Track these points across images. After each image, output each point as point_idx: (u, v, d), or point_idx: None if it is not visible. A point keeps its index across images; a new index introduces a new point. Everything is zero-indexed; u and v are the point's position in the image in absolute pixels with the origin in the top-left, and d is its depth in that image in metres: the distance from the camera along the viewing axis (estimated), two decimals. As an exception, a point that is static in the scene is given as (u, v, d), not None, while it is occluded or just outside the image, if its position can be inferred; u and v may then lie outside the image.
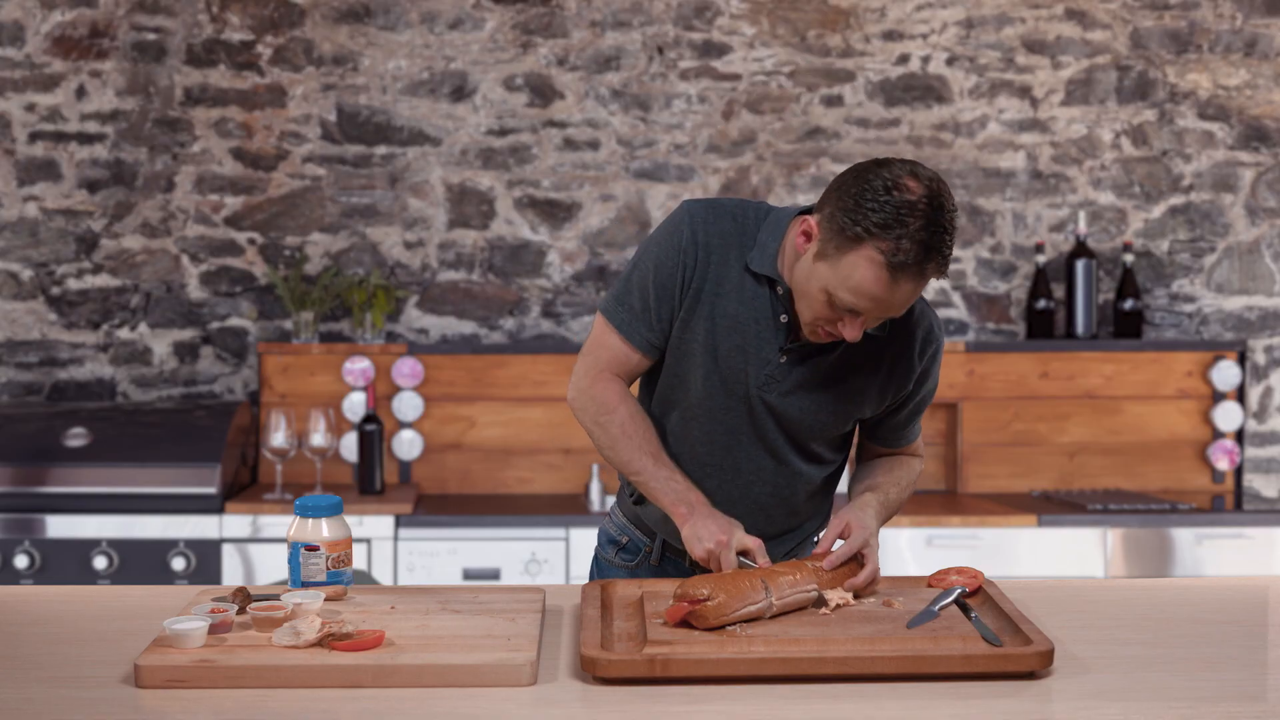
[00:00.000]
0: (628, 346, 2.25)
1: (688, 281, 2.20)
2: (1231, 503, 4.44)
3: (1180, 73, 4.70)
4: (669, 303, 2.22)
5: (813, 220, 2.08)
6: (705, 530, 2.16)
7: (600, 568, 2.48)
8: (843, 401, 2.25)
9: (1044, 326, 4.60)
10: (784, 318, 2.20)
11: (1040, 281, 4.60)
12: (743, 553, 2.15)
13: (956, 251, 4.69)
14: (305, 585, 2.13)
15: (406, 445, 4.51)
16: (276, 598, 2.05)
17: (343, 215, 4.64)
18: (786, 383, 2.22)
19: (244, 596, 2.04)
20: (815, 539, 2.42)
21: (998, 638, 1.88)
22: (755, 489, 2.31)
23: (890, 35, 4.66)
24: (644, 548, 2.41)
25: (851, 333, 2.08)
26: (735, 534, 2.15)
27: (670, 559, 2.39)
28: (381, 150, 4.64)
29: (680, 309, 2.22)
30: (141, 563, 3.97)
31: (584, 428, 2.32)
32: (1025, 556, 4.09)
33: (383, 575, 4.02)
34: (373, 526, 4.04)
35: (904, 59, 4.67)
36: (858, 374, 2.24)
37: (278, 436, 4.13)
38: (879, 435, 2.38)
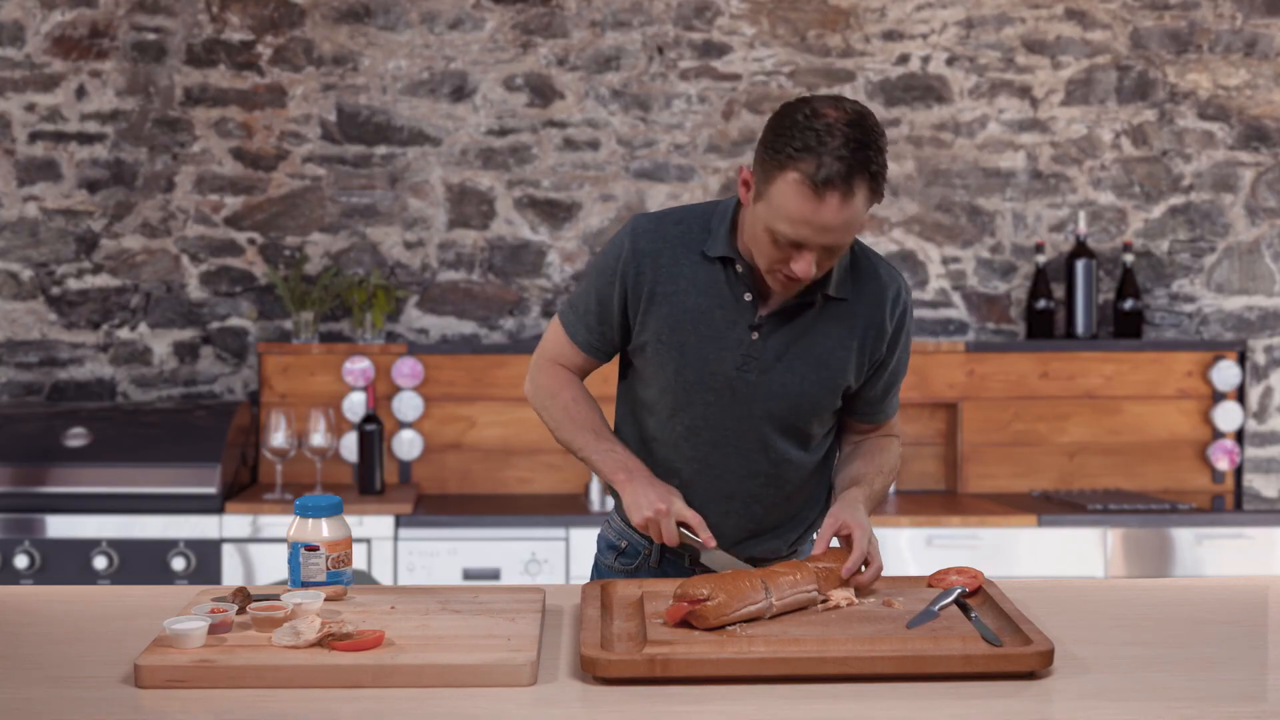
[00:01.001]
0: (570, 343, 2.37)
1: (629, 291, 2.28)
2: (1231, 503, 4.44)
3: (1180, 73, 4.70)
4: (608, 311, 2.31)
5: (746, 169, 2.17)
6: (645, 498, 2.20)
7: (600, 573, 2.49)
8: (823, 369, 2.26)
9: (1044, 326, 4.60)
10: (748, 296, 2.24)
11: (1040, 281, 4.60)
12: (682, 524, 2.18)
13: (956, 251, 4.69)
14: (305, 585, 2.13)
15: (406, 445, 4.51)
16: (276, 598, 2.05)
17: (343, 215, 4.64)
18: (764, 359, 2.25)
19: (244, 596, 2.04)
20: (815, 535, 2.42)
21: (998, 638, 1.88)
22: (747, 483, 2.31)
23: (890, 35, 4.66)
24: (643, 550, 2.41)
25: (802, 267, 2.10)
26: (674, 503, 2.19)
27: (670, 560, 2.39)
28: (381, 150, 4.64)
29: (632, 317, 2.29)
30: (141, 563, 3.97)
31: (537, 415, 2.43)
32: (1025, 556, 4.09)
33: (383, 575, 4.02)
34: (373, 526, 4.04)
35: (904, 59, 4.67)
36: (832, 339, 2.26)
37: (278, 436, 4.13)
38: (858, 410, 2.38)
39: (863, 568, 2.14)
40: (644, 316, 2.28)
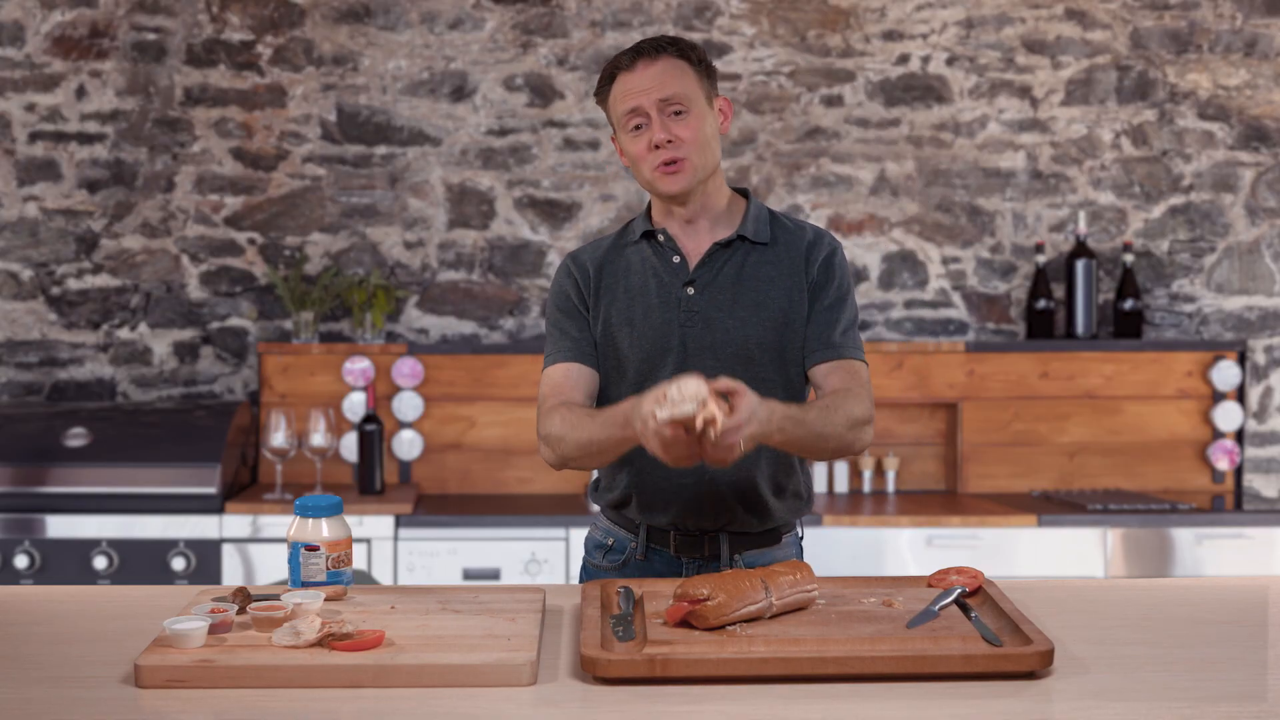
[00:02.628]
0: (560, 369, 2.43)
1: (583, 290, 2.45)
2: (1231, 503, 4.44)
3: (1180, 73, 4.70)
4: (577, 317, 2.45)
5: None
6: (647, 431, 2.12)
7: (589, 573, 2.52)
8: (763, 310, 2.38)
9: (1044, 326, 4.60)
10: (676, 258, 2.42)
11: (1040, 281, 4.60)
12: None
13: (956, 251, 4.69)
14: (305, 585, 2.13)
15: (406, 445, 4.51)
16: (276, 598, 2.05)
17: (343, 215, 4.64)
18: (705, 311, 2.38)
19: (244, 596, 2.04)
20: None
21: (998, 638, 1.88)
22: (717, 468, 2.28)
23: (890, 35, 4.66)
24: (629, 545, 2.46)
25: (658, 134, 2.33)
26: (648, 416, 2.10)
27: (655, 550, 2.44)
28: (381, 150, 4.64)
29: (591, 313, 2.44)
30: (141, 563, 3.97)
31: (563, 462, 2.36)
32: (1025, 556, 4.09)
33: (383, 575, 4.02)
34: (373, 526, 4.04)
35: (904, 59, 4.67)
36: (764, 280, 2.40)
37: (278, 436, 4.13)
38: (811, 346, 2.38)
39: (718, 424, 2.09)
40: (595, 308, 2.44)
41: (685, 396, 2.08)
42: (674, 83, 2.34)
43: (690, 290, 2.39)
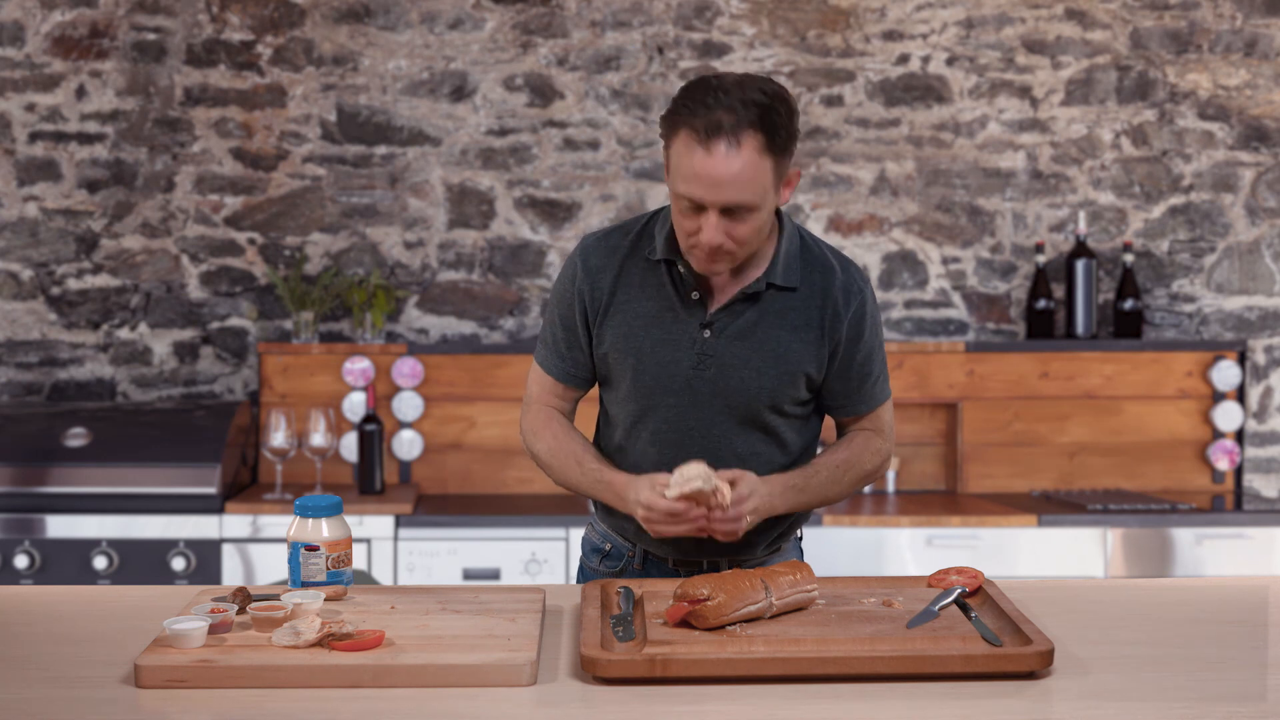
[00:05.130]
0: (549, 379, 2.41)
1: (587, 307, 2.31)
2: (1231, 503, 4.44)
3: (1180, 73, 4.70)
4: (574, 334, 2.34)
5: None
6: (639, 507, 2.17)
7: (586, 576, 2.50)
8: (781, 362, 2.26)
9: (1044, 326, 4.60)
10: (695, 294, 2.26)
11: (1040, 281, 4.60)
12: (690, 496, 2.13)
13: (956, 251, 4.69)
14: (305, 585, 2.13)
15: (406, 445, 4.51)
16: (276, 598, 2.05)
17: (343, 215, 4.64)
18: (719, 355, 2.26)
19: (244, 596, 2.04)
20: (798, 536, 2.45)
21: (998, 638, 1.88)
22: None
23: (890, 35, 4.66)
24: (626, 553, 2.43)
25: (710, 235, 2.10)
26: (648, 501, 2.14)
27: (653, 562, 2.40)
28: (381, 150, 4.64)
29: (591, 332, 2.32)
30: (141, 563, 3.97)
31: (534, 461, 2.44)
32: (1025, 556, 4.09)
33: (383, 575, 4.02)
34: (373, 526, 4.04)
35: (904, 59, 4.67)
36: (786, 330, 2.26)
37: (278, 436, 4.13)
38: (834, 402, 2.35)
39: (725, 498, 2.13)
40: (601, 329, 2.31)
41: (691, 477, 2.09)
42: (747, 187, 2.08)
43: (707, 334, 2.25)
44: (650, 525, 2.16)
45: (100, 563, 3.95)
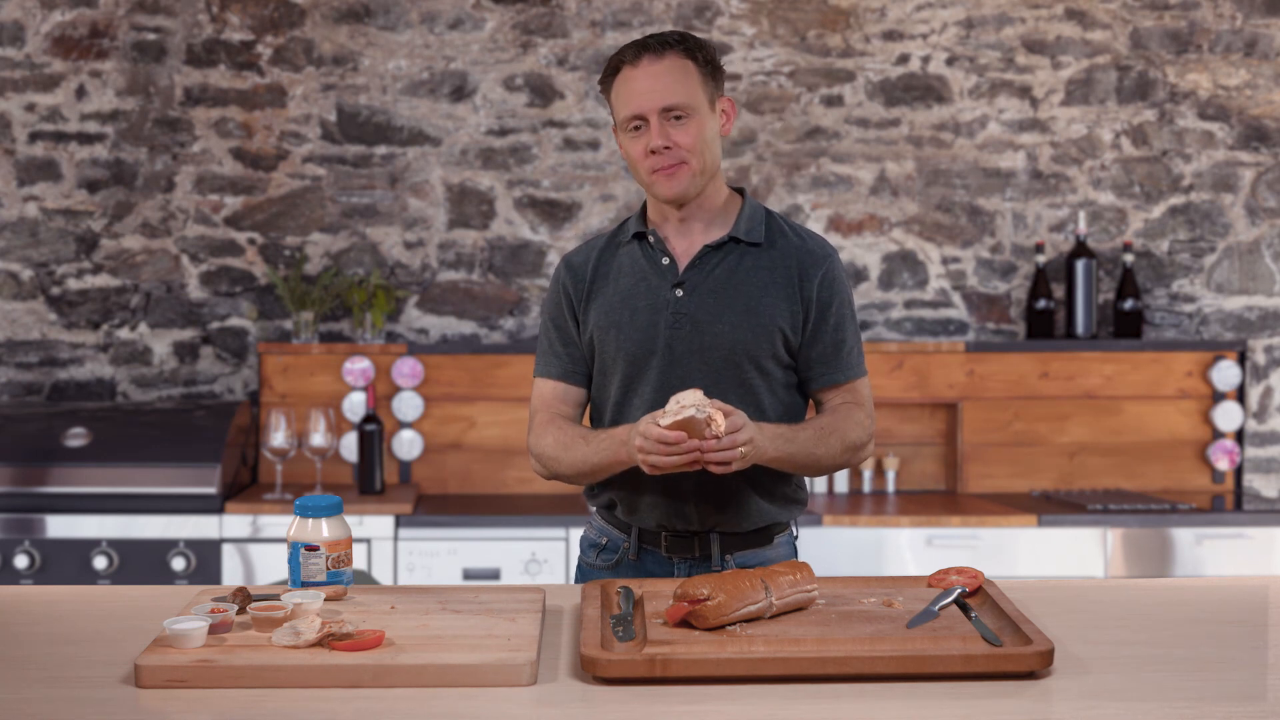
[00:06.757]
0: (549, 383, 2.47)
1: (573, 298, 2.44)
2: (1231, 503, 4.44)
3: (1180, 73, 4.70)
4: (565, 330, 2.46)
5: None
6: (637, 437, 2.20)
7: (583, 572, 2.54)
8: (753, 316, 2.35)
9: (1044, 326, 4.60)
10: (666, 260, 2.40)
11: (1040, 281, 4.60)
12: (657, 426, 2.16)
13: (956, 251, 4.69)
14: (305, 585, 2.13)
15: (406, 445, 4.51)
16: (276, 598, 2.05)
17: (343, 215, 4.64)
18: (693, 314, 2.36)
19: (244, 596, 2.04)
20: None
21: (998, 638, 1.88)
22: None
23: (890, 35, 4.66)
24: (622, 544, 2.47)
25: (655, 139, 2.30)
26: (650, 426, 2.16)
27: (648, 550, 2.44)
28: (381, 150, 4.64)
29: (579, 320, 2.44)
30: (141, 563, 3.97)
31: (554, 477, 2.45)
32: (1025, 556, 4.09)
33: (383, 575, 4.02)
34: (373, 526, 4.04)
35: (904, 59, 4.67)
36: (756, 285, 2.37)
37: (278, 436, 4.13)
38: (813, 369, 2.40)
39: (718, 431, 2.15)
40: (586, 314, 2.43)
41: (685, 404, 2.12)
42: (677, 88, 2.30)
43: (679, 292, 2.37)
44: (646, 458, 2.19)
45: (100, 563, 3.95)
